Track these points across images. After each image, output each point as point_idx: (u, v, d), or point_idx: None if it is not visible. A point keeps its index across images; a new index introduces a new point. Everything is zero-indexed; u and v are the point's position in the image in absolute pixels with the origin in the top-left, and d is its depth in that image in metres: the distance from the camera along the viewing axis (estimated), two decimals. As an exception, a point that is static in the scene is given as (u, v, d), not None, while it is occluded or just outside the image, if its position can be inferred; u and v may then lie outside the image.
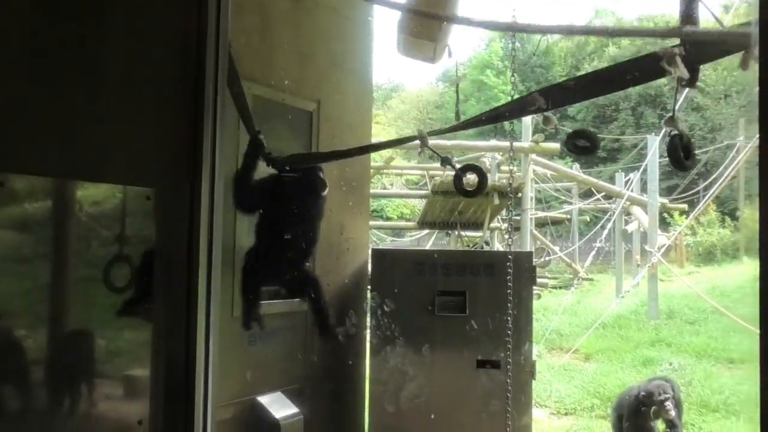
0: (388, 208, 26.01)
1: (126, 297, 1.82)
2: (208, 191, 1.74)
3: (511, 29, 3.04)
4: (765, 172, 1.07)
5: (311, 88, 3.73)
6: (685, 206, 18.49)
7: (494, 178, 13.25)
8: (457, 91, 4.49)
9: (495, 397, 3.74)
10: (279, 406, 3.47)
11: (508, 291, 3.64)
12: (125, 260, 1.81)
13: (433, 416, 3.80)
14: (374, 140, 5.85)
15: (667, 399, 4.75)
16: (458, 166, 3.30)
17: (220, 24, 1.75)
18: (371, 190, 4.47)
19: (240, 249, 3.32)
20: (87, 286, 1.80)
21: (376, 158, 13.93)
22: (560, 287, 17.23)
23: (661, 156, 13.35)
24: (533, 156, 13.83)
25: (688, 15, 2.35)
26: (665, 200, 18.06)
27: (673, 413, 4.77)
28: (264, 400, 3.45)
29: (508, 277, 3.64)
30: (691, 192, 20.13)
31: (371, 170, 8.39)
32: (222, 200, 1.85)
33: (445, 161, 3.31)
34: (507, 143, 6.02)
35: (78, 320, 1.81)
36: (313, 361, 3.79)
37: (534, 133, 13.64)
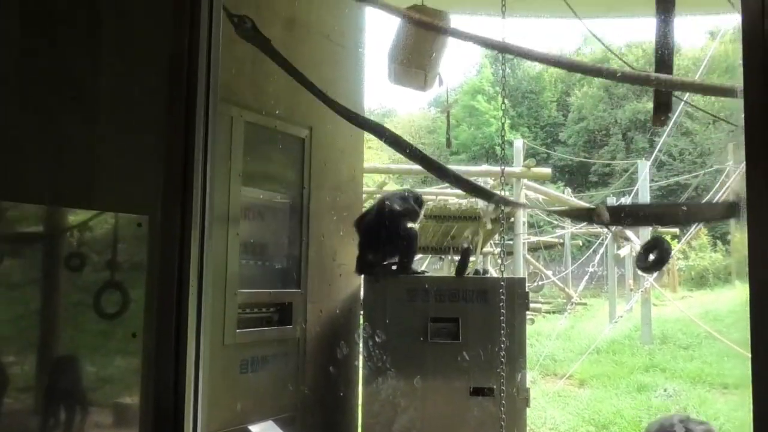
0: (381, 233, 25.98)
1: (116, 323, 1.80)
2: (199, 218, 1.74)
3: (502, 49, 3.09)
4: (753, 198, 1.08)
5: (303, 114, 3.75)
6: (676, 230, 18.58)
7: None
8: (447, 119, 4.55)
9: (489, 426, 3.70)
10: (270, 436, 3.42)
11: (501, 318, 3.62)
12: (116, 287, 1.80)
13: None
14: (366, 165, 5.88)
15: None
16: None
17: (211, 49, 1.77)
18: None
19: (231, 275, 3.30)
20: (77, 313, 1.79)
21: (369, 183, 13.96)
22: (554, 312, 17.20)
23: (651, 180, 13.45)
24: (525, 181, 13.89)
25: (663, 60, 2.43)
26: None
27: None
28: (255, 429, 3.40)
29: (501, 304, 3.62)
30: (682, 216, 20.19)
31: (364, 195, 8.41)
32: (213, 227, 1.85)
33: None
34: (498, 168, 6.05)
35: (68, 346, 1.80)
36: (306, 389, 3.74)
37: (525, 158, 13.74)
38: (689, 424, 4.36)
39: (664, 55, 2.45)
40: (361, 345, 3.93)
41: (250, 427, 3.39)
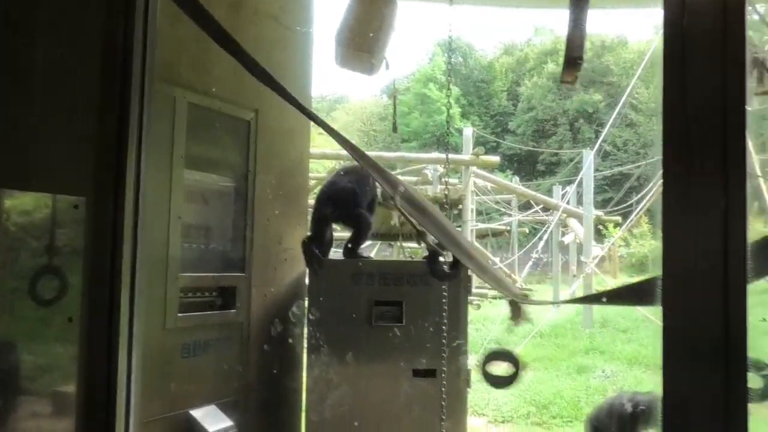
0: (330, 219, 25.90)
1: (54, 309, 1.76)
2: (132, 200, 1.70)
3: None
4: (668, 193, 1.13)
5: (250, 97, 3.70)
6: (618, 218, 19.17)
7: (436, 190, 13.40)
8: (394, 104, 4.54)
9: (430, 406, 3.77)
10: (212, 420, 3.40)
11: (444, 301, 3.69)
12: (53, 271, 1.76)
13: (366, 426, 3.80)
14: (314, 150, 5.84)
15: None
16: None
17: (147, 32, 1.73)
18: (311, 201, 4.50)
19: (173, 259, 3.26)
20: (14, 299, 1.74)
21: (319, 169, 13.90)
22: (500, 297, 17.49)
23: (596, 170, 13.78)
24: (474, 168, 14.05)
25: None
26: (600, 213, 18.67)
27: None
28: (197, 413, 3.38)
29: (443, 287, 3.69)
30: (624, 205, 20.84)
31: (313, 181, 8.36)
32: (154, 210, 1.82)
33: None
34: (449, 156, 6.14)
35: (3, 333, 1.75)
36: (249, 373, 3.74)
37: (474, 146, 13.90)
38: (636, 397, 4.56)
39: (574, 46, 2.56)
40: (305, 329, 3.94)
41: (192, 412, 3.36)
